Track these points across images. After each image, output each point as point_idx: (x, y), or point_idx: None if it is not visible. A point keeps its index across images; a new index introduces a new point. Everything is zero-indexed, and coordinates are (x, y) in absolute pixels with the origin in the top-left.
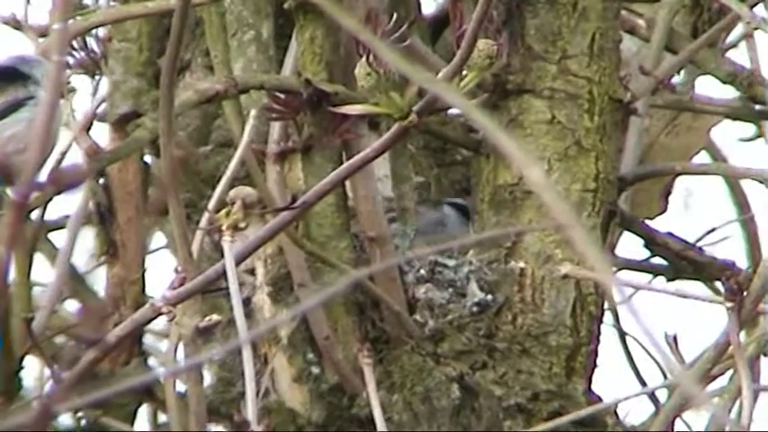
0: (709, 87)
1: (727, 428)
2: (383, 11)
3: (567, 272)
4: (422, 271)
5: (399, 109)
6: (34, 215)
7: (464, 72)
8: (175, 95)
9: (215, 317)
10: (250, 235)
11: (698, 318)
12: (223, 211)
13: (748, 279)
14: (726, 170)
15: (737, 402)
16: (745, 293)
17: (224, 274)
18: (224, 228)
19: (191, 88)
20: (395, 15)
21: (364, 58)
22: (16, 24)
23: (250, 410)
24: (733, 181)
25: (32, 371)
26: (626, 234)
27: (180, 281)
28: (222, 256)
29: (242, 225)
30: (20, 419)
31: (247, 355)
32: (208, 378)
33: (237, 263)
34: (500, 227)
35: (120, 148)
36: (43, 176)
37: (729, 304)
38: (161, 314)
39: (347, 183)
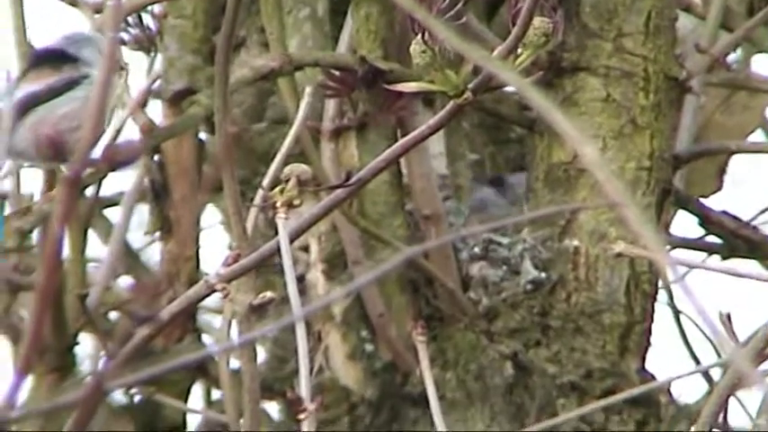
0: (765, 66)
1: None
2: None
3: (620, 250)
4: (476, 249)
5: (454, 86)
6: (89, 192)
7: (519, 50)
8: (230, 73)
9: (269, 294)
10: (304, 212)
11: (753, 296)
12: (277, 189)
13: None
14: None
15: None
16: None
17: (278, 251)
18: (278, 205)
19: (246, 65)
20: None
21: (419, 36)
22: (72, 1)
23: (303, 388)
24: None
25: (86, 347)
26: (681, 212)
27: (234, 258)
28: (276, 233)
29: (296, 202)
30: (73, 396)
31: (301, 332)
32: (261, 355)
33: (292, 240)
34: (554, 205)
35: (174, 125)
36: (97, 153)
37: None
38: (215, 291)
39: (402, 160)
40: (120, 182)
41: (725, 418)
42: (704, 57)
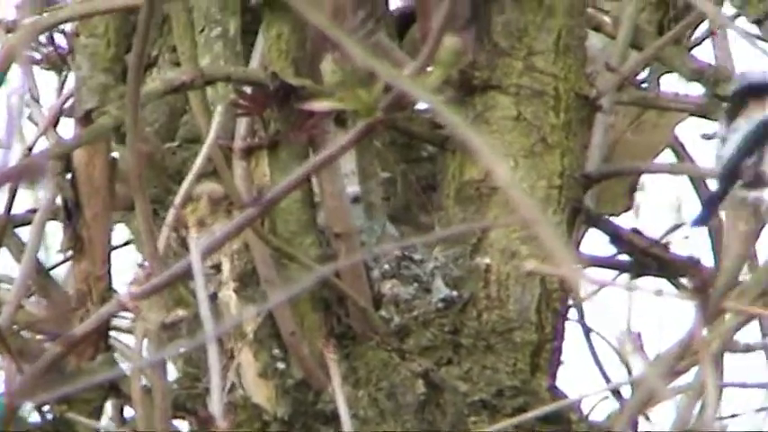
0: (674, 84)
1: (691, 425)
2: (350, 7)
3: (531, 268)
4: (387, 267)
5: (365, 105)
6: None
7: (430, 68)
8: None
9: (180, 312)
10: (216, 231)
11: (662, 315)
12: (189, 207)
13: (713, 276)
14: (691, 170)
15: (702, 399)
16: (710, 290)
17: (189, 269)
18: (189, 223)
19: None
20: (362, 11)
21: (330, 54)
22: None
23: (215, 406)
24: (698, 179)
25: None
26: (591, 231)
27: (145, 276)
28: (188, 251)
29: (208, 221)
30: None
31: (213, 350)
32: (174, 373)
33: (204, 258)
34: (466, 223)
35: (83, 135)
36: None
37: (694, 301)
38: (126, 309)
39: (313, 179)
40: (32, 200)
41: None
42: (614, 75)
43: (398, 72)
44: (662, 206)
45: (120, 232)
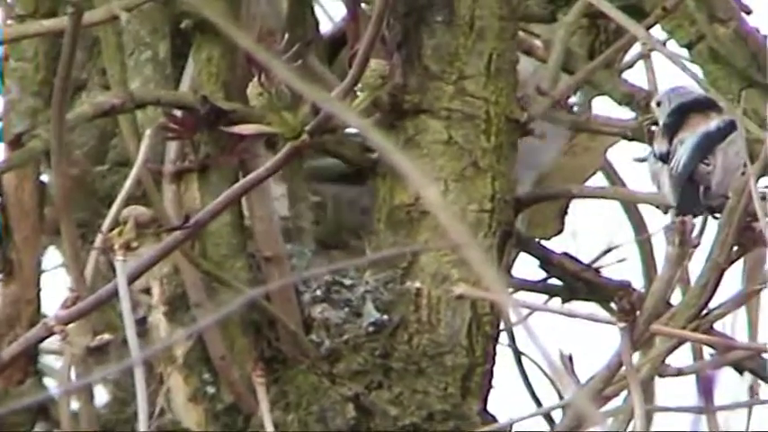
0: (606, 108)
1: None
2: (280, 30)
3: (462, 292)
4: (318, 291)
5: (292, 128)
6: None
7: (358, 92)
8: (70, 113)
9: (106, 336)
10: (144, 254)
11: (595, 339)
12: (116, 231)
13: (641, 299)
14: (622, 194)
15: (631, 423)
16: (637, 314)
17: (116, 293)
18: (116, 247)
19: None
20: (292, 34)
21: (256, 78)
22: None
23: (142, 430)
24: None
25: None
26: (522, 255)
27: (73, 300)
28: (116, 275)
29: (134, 244)
30: None
31: (139, 374)
32: (104, 397)
33: (131, 282)
34: (397, 247)
35: (12, 158)
36: None
37: (622, 324)
38: (53, 333)
39: (243, 202)
40: None
41: None
42: (545, 99)
43: (326, 95)
44: (596, 230)
45: (52, 256)
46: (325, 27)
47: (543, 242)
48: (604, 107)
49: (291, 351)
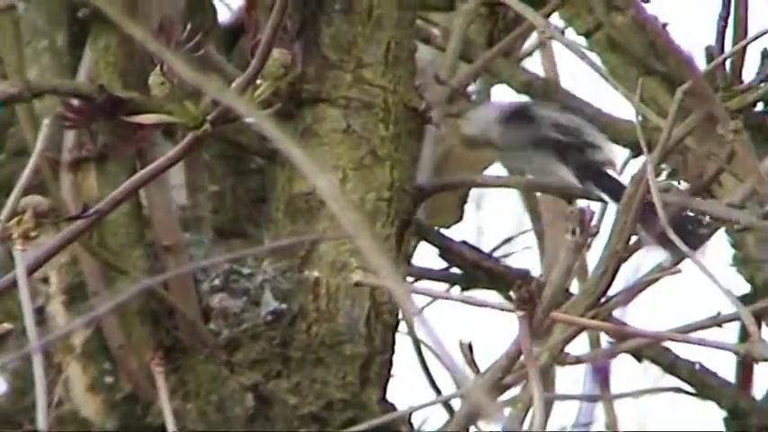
0: (504, 96)
1: None
2: (178, 19)
3: (358, 279)
4: (216, 280)
5: (193, 118)
6: None
7: (259, 81)
8: None
9: (6, 325)
10: (43, 244)
11: (497, 328)
12: (14, 220)
13: (540, 288)
14: (525, 183)
15: (530, 411)
16: (536, 302)
17: (15, 282)
18: (15, 236)
19: None
20: (190, 24)
21: (158, 67)
22: None
23: (41, 420)
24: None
25: None
26: (422, 243)
27: None
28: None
29: (33, 234)
30: None
31: (38, 363)
32: (2, 386)
33: (30, 271)
34: (295, 235)
35: None
36: None
37: (520, 313)
38: None
39: (142, 191)
40: None
41: None
42: (444, 88)
43: (223, 86)
44: (502, 219)
45: None
46: (224, 15)
47: (443, 231)
48: (504, 95)
49: (190, 340)
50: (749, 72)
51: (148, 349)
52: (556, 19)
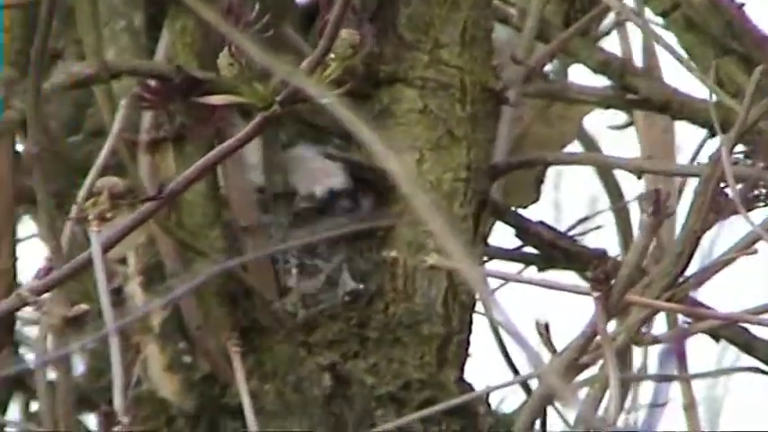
0: (581, 76)
1: (594, 419)
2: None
3: (433, 262)
4: (294, 260)
5: (262, 98)
6: None
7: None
8: (46, 83)
9: (83, 306)
10: (118, 225)
11: (575, 308)
12: (90, 201)
13: (616, 268)
14: (598, 160)
15: (607, 392)
16: (612, 282)
17: (90, 263)
18: (90, 218)
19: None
20: (265, 4)
21: (226, 48)
22: None
23: (117, 401)
24: (605, 170)
25: None
26: (499, 224)
27: (46, 270)
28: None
29: (109, 215)
30: None
31: (114, 344)
32: (81, 367)
33: (105, 251)
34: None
35: None
36: None
37: (596, 293)
38: (27, 304)
39: (219, 172)
40: None
41: (543, 427)
42: (521, 68)
43: (291, 67)
44: (579, 198)
45: (28, 225)
46: None
47: (520, 210)
48: (580, 75)
49: (267, 321)
50: None
51: (226, 329)
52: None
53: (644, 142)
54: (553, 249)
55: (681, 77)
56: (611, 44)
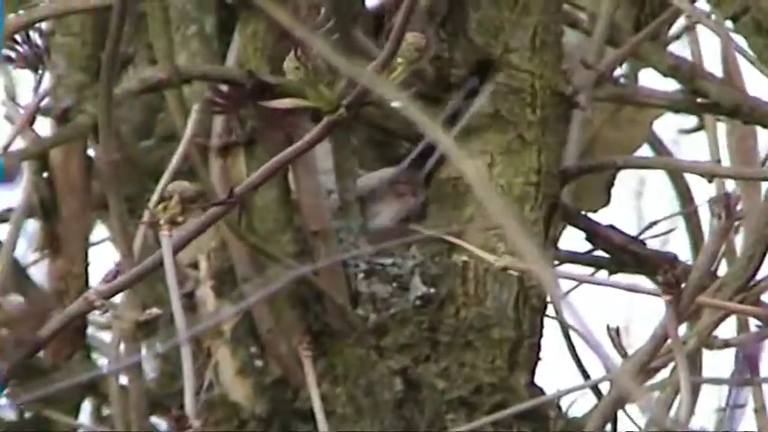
0: (651, 80)
1: (666, 422)
2: (325, 4)
3: (504, 264)
4: (365, 265)
5: (328, 102)
6: None
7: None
8: (117, 88)
9: (155, 310)
10: (189, 227)
11: (645, 312)
12: (161, 206)
13: (686, 271)
14: (668, 164)
15: (678, 396)
16: (682, 286)
17: (159, 266)
18: (161, 222)
19: (133, 78)
20: (336, 7)
21: (292, 52)
22: None
23: (188, 404)
24: (676, 174)
25: None
26: (569, 227)
27: (114, 274)
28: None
29: (180, 219)
30: None
31: (185, 350)
32: (153, 372)
33: (174, 254)
34: (444, 220)
35: (60, 133)
36: None
37: (667, 297)
38: (95, 308)
39: (290, 177)
40: (8, 199)
41: (614, 430)
42: (591, 72)
43: (361, 68)
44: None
45: (99, 230)
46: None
47: (590, 214)
48: (650, 79)
49: (338, 325)
50: None
51: (297, 333)
52: (703, 3)
53: (729, 147)
54: (623, 253)
55: (751, 81)
56: (681, 48)
